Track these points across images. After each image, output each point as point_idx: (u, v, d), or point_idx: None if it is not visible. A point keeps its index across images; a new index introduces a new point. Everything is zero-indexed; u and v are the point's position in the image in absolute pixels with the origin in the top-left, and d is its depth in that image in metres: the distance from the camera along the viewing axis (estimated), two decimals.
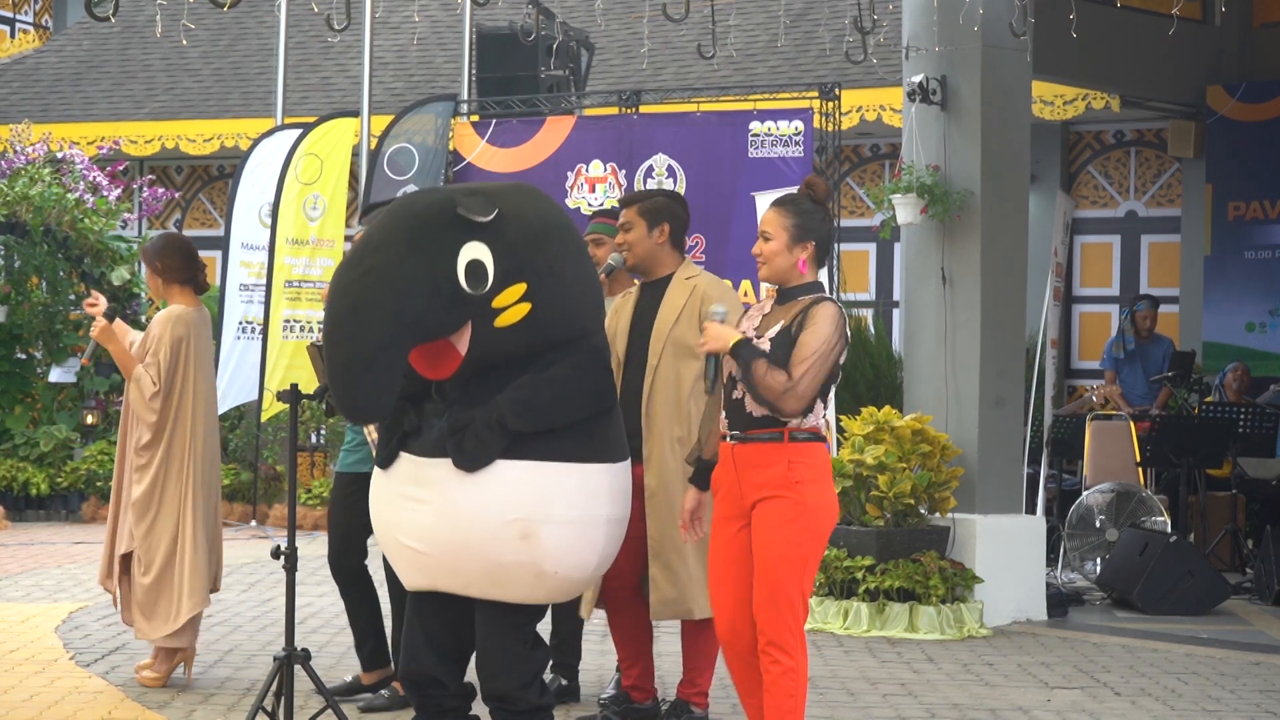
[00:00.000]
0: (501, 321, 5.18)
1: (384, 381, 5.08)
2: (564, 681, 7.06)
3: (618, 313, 6.56)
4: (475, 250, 5.13)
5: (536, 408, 5.22)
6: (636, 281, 6.62)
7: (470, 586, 5.32)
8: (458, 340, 5.18)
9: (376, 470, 5.48)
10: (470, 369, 5.23)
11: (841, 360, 5.41)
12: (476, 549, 5.22)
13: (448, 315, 5.13)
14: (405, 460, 5.32)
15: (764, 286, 7.92)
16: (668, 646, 7.59)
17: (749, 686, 5.53)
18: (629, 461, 5.57)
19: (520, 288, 5.18)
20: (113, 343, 7.09)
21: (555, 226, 5.38)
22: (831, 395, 5.56)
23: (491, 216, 5.16)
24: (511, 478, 5.21)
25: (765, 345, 5.34)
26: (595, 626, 8.08)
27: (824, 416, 5.46)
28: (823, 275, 5.61)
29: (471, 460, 5.18)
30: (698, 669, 6.51)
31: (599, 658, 7.80)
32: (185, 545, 7.03)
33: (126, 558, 7.13)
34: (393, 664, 6.87)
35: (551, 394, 5.25)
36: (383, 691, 6.85)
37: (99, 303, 7.12)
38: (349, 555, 6.89)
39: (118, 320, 7.15)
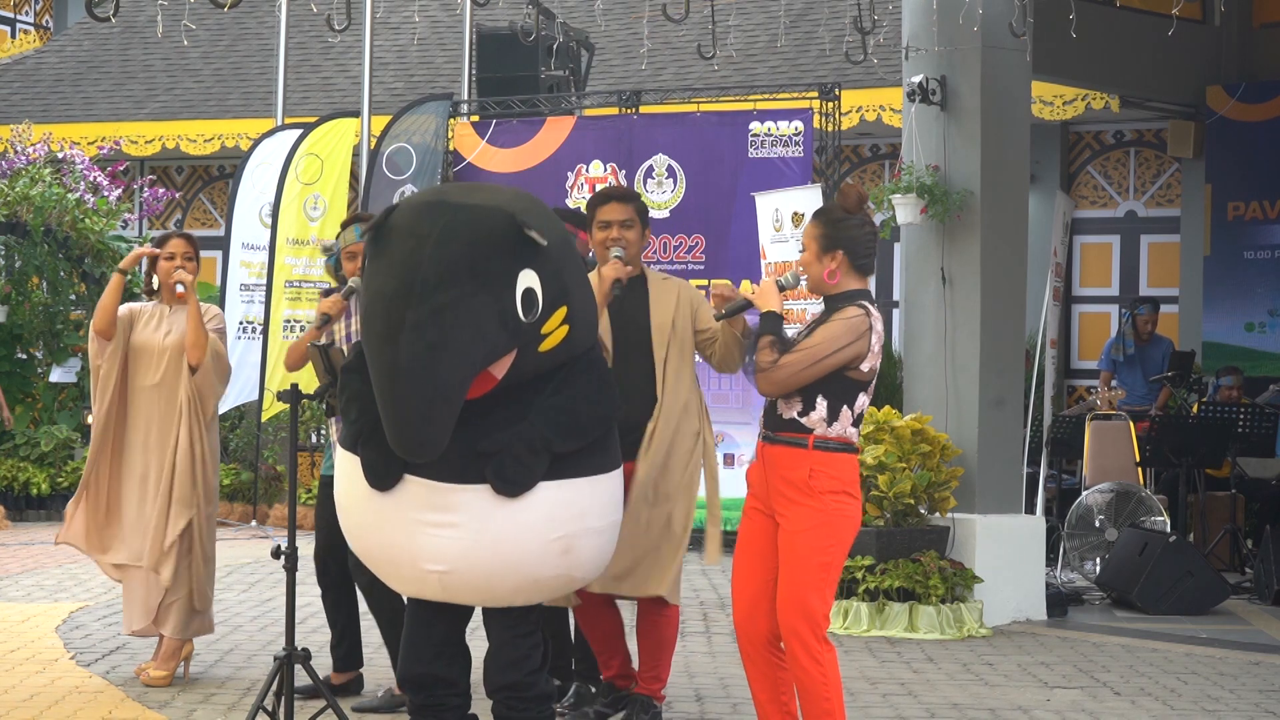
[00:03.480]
0: (545, 346, 5.08)
1: (452, 416, 4.93)
2: (558, 682, 7.04)
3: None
4: (528, 279, 4.98)
5: (581, 427, 5.16)
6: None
7: (495, 600, 5.25)
8: (497, 367, 5.02)
9: (370, 494, 5.17)
10: (499, 390, 5.10)
11: (864, 368, 5.37)
12: (516, 568, 5.12)
13: (508, 345, 5.00)
14: (416, 485, 5.07)
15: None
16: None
17: (760, 675, 5.57)
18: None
19: (563, 311, 5.08)
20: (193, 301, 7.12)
21: (569, 239, 5.31)
22: (861, 403, 5.46)
23: (548, 242, 5.02)
24: (553, 499, 5.10)
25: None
26: None
27: (850, 425, 5.40)
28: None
29: (515, 485, 5.04)
30: (663, 661, 6.43)
31: None
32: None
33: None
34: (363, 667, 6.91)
35: (589, 412, 5.19)
36: (378, 692, 6.84)
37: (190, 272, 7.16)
38: (335, 557, 6.88)
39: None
